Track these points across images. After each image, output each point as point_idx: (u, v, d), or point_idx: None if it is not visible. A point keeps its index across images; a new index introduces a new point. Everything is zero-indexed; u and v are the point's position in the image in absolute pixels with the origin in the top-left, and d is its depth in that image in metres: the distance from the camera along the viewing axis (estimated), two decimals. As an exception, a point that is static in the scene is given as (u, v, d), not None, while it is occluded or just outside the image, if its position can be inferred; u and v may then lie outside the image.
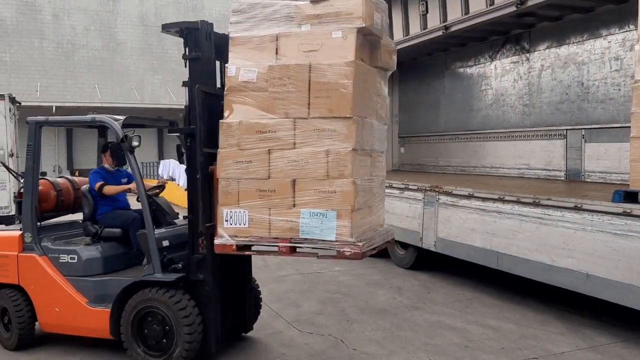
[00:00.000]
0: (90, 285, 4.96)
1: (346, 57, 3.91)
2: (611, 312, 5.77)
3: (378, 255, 8.50)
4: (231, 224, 4.16)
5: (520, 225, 6.02)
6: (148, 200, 4.93)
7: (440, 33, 8.71)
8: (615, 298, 5.06)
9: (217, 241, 4.24)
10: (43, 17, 27.98)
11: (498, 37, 9.26)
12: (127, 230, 5.16)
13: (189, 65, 4.62)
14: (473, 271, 7.49)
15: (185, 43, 4.63)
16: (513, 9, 7.23)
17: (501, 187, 7.05)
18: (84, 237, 5.41)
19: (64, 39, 28.30)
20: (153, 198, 5.27)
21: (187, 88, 4.60)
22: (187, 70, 4.62)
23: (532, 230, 5.87)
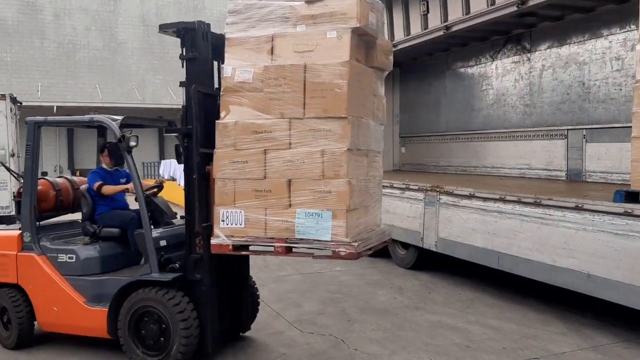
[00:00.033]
0: (88, 284, 4.97)
1: (341, 57, 3.90)
2: (612, 312, 5.75)
3: (379, 255, 8.53)
4: (227, 224, 4.17)
5: (521, 225, 6.00)
6: (146, 200, 4.94)
7: (441, 33, 8.69)
8: (616, 298, 5.05)
9: (214, 241, 4.24)
10: (44, 17, 28.04)
11: (499, 37, 9.24)
12: (125, 230, 5.16)
13: (186, 65, 4.61)
14: (474, 271, 7.47)
15: (182, 43, 4.63)
16: (514, 9, 7.20)
17: (502, 187, 7.03)
18: (83, 237, 5.41)
19: (65, 39, 28.37)
20: (151, 198, 5.27)
21: (184, 88, 4.60)
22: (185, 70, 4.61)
23: (533, 230, 5.85)
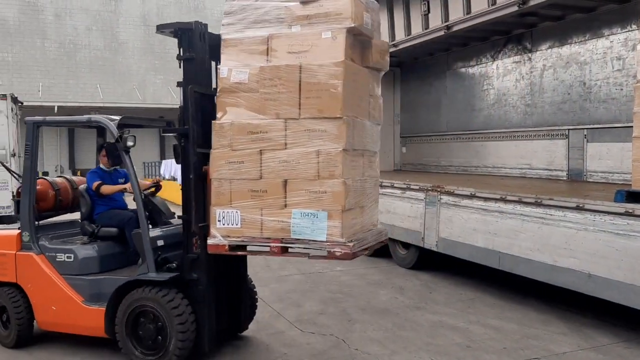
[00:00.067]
0: (86, 284, 4.97)
1: (336, 58, 3.90)
2: (613, 312, 5.73)
3: (380, 255, 8.53)
4: (224, 224, 4.16)
5: (522, 225, 5.98)
6: (144, 200, 4.94)
7: (442, 33, 8.66)
8: (617, 298, 5.04)
9: (210, 241, 4.24)
10: (45, 17, 28.08)
11: (500, 37, 9.20)
12: (123, 229, 5.17)
13: (183, 65, 4.61)
14: (475, 271, 7.45)
15: (179, 44, 4.62)
16: (515, 9, 7.18)
17: (503, 187, 7.00)
18: (82, 236, 5.42)
19: (66, 39, 28.41)
20: (149, 198, 5.27)
21: (181, 89, 4.59)
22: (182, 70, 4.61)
23: (534, 230, 5.83)
